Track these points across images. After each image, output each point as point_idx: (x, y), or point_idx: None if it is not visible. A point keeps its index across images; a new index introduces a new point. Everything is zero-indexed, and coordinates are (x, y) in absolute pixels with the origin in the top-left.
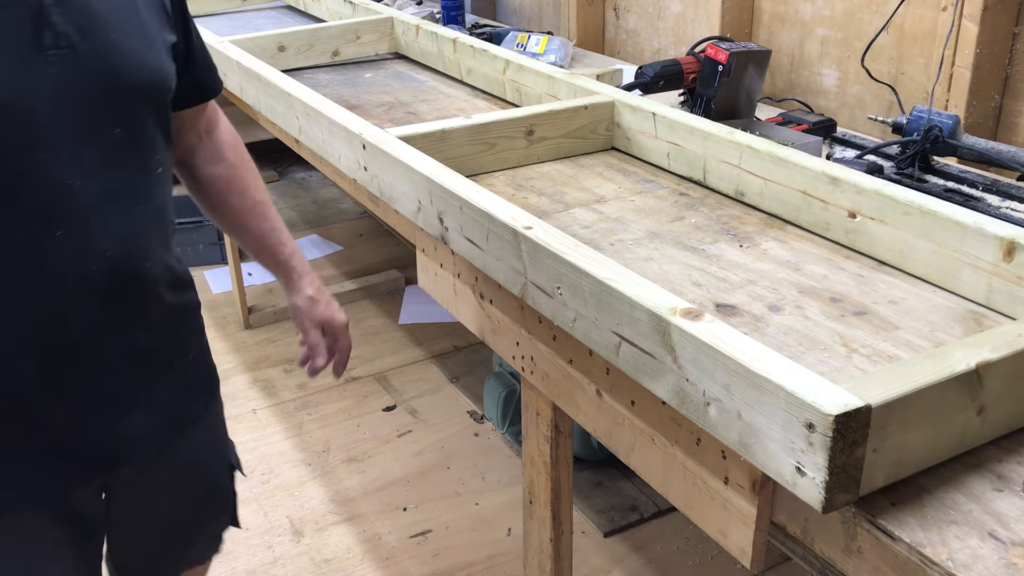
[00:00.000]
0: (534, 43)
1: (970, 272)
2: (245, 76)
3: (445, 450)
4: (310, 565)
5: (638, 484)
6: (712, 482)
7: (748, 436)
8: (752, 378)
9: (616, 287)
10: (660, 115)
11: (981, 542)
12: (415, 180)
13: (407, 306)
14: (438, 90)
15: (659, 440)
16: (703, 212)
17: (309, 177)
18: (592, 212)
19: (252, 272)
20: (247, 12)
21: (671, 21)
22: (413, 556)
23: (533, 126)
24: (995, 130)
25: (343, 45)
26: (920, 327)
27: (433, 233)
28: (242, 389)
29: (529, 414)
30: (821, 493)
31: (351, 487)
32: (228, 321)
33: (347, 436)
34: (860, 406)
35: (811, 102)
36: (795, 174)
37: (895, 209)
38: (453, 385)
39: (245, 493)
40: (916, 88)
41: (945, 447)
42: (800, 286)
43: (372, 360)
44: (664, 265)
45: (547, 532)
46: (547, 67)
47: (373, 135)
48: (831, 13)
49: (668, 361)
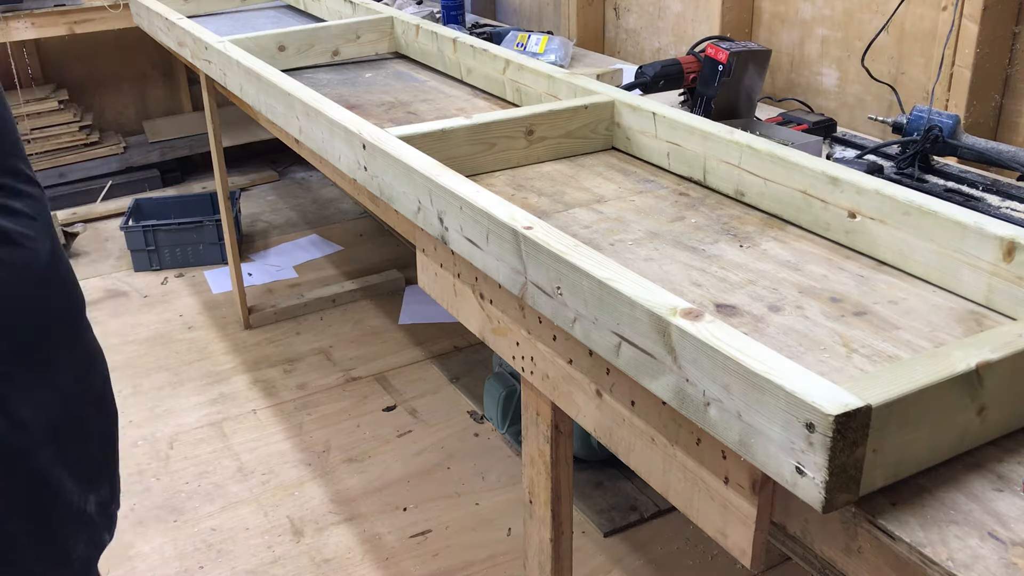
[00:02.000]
0: (534, 43)
1: (970, 272)
2: (245, 76)
3: (445, 450)
4: (310, 565)
5: (638, 484)
6: (712, 482)
7: (748, 436)
8: (752, 378)
9: (616, 287)
10: (660, 115)
11: (981, 542)
12: (415, 180)
13: (407, 306)
14: (438, 90)
15: (659, 440)
16: (703, 212)
17: (309, 177)
18: (592, 212)
19: (252, 272)
20: (247, 12)
21: (671, 21)
22: (413, 556)
23: (533, 126)
24: (995, 130)
25: (343, 45)
26: (920, 327)
27: (433, 233)
28: (242, 389)
29: (529, 414)
30: (821, 493)
31: (351, 487)
32: (228, 321)
33: (347, 436)
34: (860, 406)
35: (811, 102)
36: (795, 174)
37: (895, 209)
38: (453, 385)
39: (245, 493)
40: (916, 88)
41: (945, 447)
42: (800, 286)
43: (372, 360)
44: (664, 265)
45: (547, 532)
46: (547, 67)
47: (373, 135)
48: (831, 13)
49: (668, 361)
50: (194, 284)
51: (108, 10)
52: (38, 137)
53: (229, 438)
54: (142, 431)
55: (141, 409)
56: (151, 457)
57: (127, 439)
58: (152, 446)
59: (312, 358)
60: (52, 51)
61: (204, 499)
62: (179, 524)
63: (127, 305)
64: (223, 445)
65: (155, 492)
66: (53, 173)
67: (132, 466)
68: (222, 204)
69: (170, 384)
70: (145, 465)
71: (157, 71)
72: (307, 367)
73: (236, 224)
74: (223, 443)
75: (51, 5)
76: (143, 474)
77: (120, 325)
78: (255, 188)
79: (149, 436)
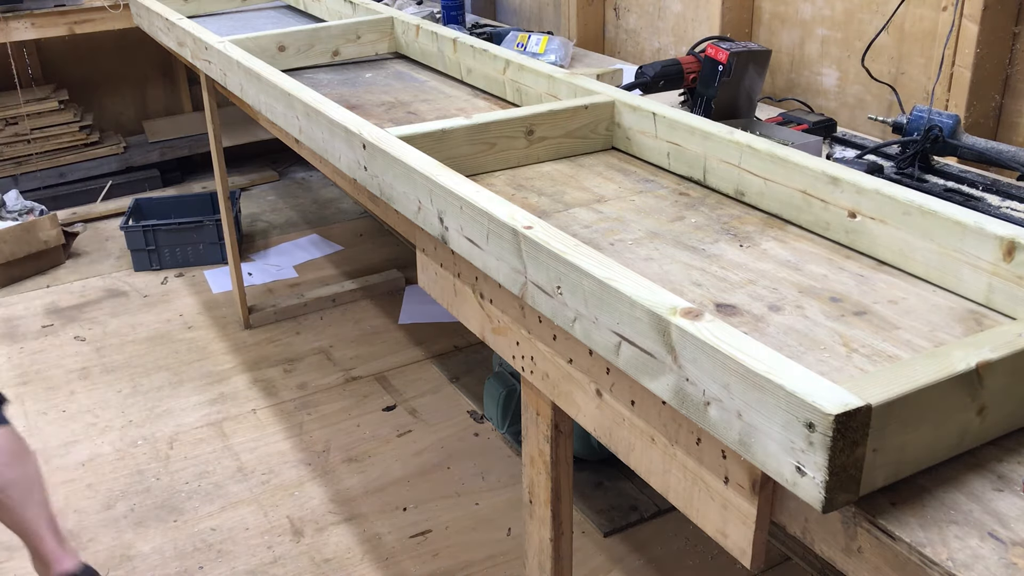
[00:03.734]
0: (534, 43)
1: (970, 272)
2: (245, 76)
3: (445, 450)
4: (310, 565)
5: (638, 484)
6: (712, 482)
7: (748, 436)
8: (752, 378)
9: (616, 287)
10: (660, 115)
11: (981, 542)
12: (415, 180)
13: (407, 306)
14: (438, 90)
15: (659, 440)
16: (703, 212)
17: (309, 177)
18: (592, 212)
19: (252, 272)
20: (247, 12)
21: (671, 21)
22: (413, 556)
23: (533, 126)
24: (995, 130)
25: (343, 45)
26: (920, 327)
27: (433, 233)
28: (242, 389)
29: (529, 414)
30: (821, 493)
31: (351, 487)
32: (228, 321)
33: (347, 436)
34: (860, 406)
35: (811, 102)
36: (795, 174)
37: (895, 209)
38: (453, 385)
39: (245, 493)
40: (916, 88)
41: (945, 447)
42: (800, 286)
43: (372, 360)
44: (664, 265)
45: (547, 532)
46: (547, 67)
47: (373, 135)
48: (831, 13)
49: (668, 361)
50: (194, 284)
51: (108, 10)
52: (38, 137)
53: (229, 438)
54: (142, 431)
55: (141, 409)
56: (151, 457)
57: (127, 439)
58: (152, 446)
59: (312, 358)
60: (52, 51)
61: (204, 499)
62: (179, 524)
63: (127, 305)
64: (223, 445)
65: (155, 492)
66: (53, 173)
67: (132, 466)
68: (222, 204)
69: (170, 384)
70: (145, 465)
71: (157, 71)
72: (307, 367)
73: (236, 224)
74: (223, 443)
75: (51, 5)
76: (143, 474)
77: (120, 325)
78: (255, 188)
79: (149, 436)
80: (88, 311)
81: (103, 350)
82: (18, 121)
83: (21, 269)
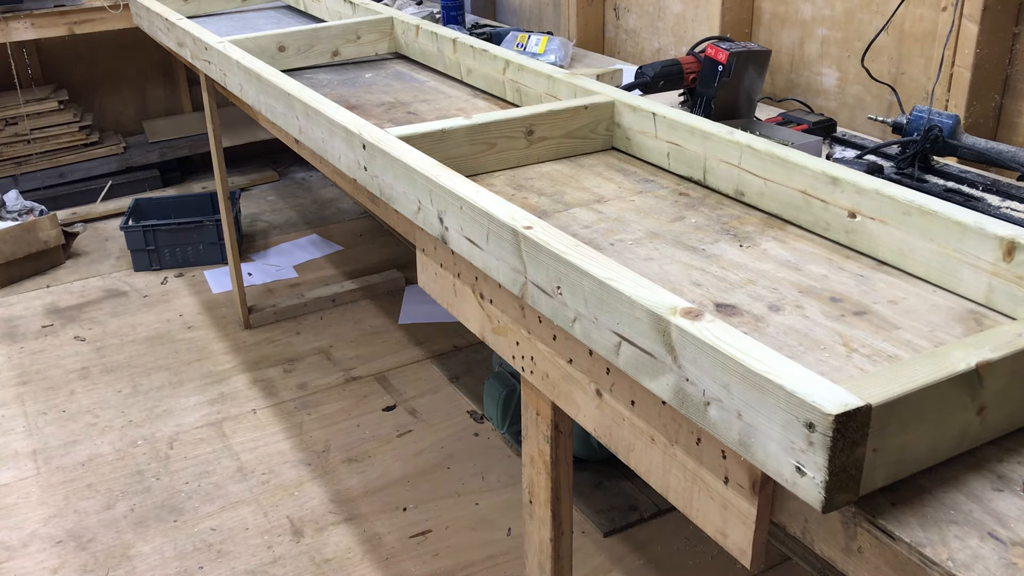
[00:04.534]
0: (534, 43)
1: (970, 272)
2: (245, 76)
3: (445, 450)
4: (310, 565)
5: (638, 484)
6: (712, 482)
7: (748, 436)
8: (752, 378)
9: (616, 287)
10: (660, 115)
11: (981, 542)
12: (415, 180)
13: (407, 306)
14: (438, 90)
15: (659, 440)
16: (703, 212)
17: (309, 177)
18: (592, 212)
19: (252, 272)
20: (247, 12)
21: (671, 21)
22: (413, 556)
23: (533, 126)
24: (995, 130)
25: (343, 45)
26: (920, 327)
27: (433, 233)
28: (242, 389)
29: (529, 414)
30: (821, 493)
31: (351, 487)
32: (228, 321)
33: (347, 436)
34: (860, 406)
35: (811, 102)
36: (795, 174)
37: (895, 209)
38: (453, 385)
39: (245, 493)
40: (916, 88)
41: (945, 447)
42: (800, 286)
43: (372, 360)
44: (664, 265)
45: (547, 532)
46: (547, 67)
47: (373, 135)
48: (831, 13)
49: (668, 361)
50: (194, 284)
51: (108, 10)
52: (38, 137)
53: (229, 438)
54: (142, 431)
55: (141, 409)
56: (151, 457)
57: (127, 439)
58: (152, 446)
59: (312, 358)
60: (52, 51)
61: (204, 499)
62: (179, 524)
63: (127, 305)
64: (223, 445)
65: (155, 492)
66: (53, 173)
67: (132, 466)
68: (222, 204)
69: (170, 384)
70: (145, 465)
71: (157, 71)
72: (307, 367)
73: (236, 224)
74: (223, 443)
75: (51, 5)
76: (143, 474)
77: (120, 325)
78: (255, 188)
79: (149, 436)
80: (88, 311)
81: (103, 350)
82: (18, 121)
83: (21, 269)
